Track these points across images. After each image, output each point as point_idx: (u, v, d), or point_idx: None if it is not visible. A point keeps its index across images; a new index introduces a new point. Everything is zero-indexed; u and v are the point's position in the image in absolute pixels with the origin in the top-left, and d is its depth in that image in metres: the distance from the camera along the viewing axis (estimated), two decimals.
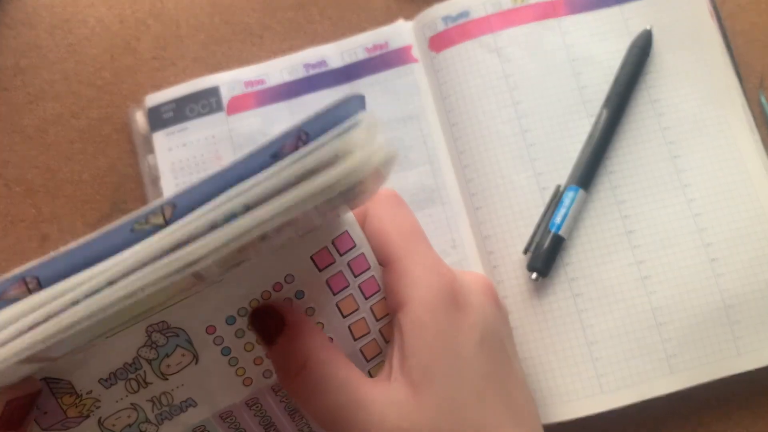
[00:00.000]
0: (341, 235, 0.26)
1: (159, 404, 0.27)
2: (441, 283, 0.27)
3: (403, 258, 0.27)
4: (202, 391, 0.27)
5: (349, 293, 0.27)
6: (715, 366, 0.38)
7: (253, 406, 0.28)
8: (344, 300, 0.27)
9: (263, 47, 0.45)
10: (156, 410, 0.27)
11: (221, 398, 0.27)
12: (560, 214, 0.39)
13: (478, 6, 0.42)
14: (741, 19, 0.44)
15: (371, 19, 0.45)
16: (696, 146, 0.41)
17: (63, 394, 0.25)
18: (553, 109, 0.41)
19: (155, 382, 0.26)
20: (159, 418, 0.27)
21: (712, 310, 0.39)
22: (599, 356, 0.38)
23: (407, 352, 0.26)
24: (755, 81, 0.44)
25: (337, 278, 0.27)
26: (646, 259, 0.39)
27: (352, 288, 0.27)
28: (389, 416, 0.25)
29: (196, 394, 0.27)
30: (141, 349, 0.25)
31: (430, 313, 0.26)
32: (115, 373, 0.25)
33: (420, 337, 0.26)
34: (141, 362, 0.25)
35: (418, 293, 0.26)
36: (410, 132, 0.42)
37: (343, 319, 0.27)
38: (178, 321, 0.25)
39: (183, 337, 0.26)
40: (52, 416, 0.25)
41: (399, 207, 0.28)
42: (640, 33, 0.42)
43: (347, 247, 0.27)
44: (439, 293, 0.26)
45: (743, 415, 0.40)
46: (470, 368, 0.26)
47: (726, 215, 0.40)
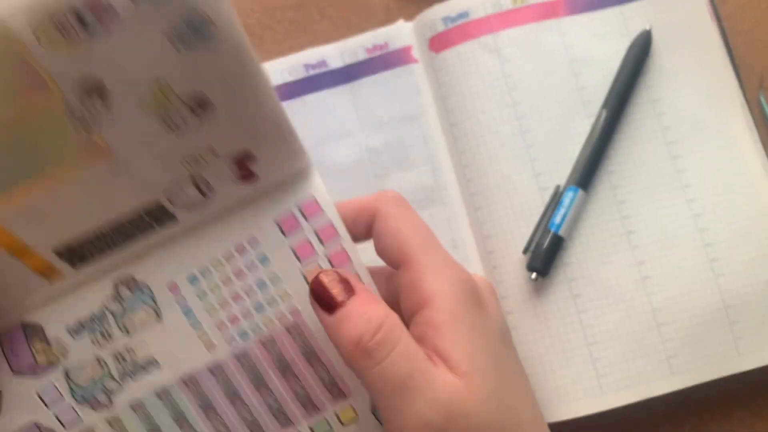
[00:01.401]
0: (308, 200, 0.27)
1: (122, 360, 0.27)
2: (463, 281, 0.27)
3: (423, 256, 0.27)
4: (165, 352, 0.27)
5: (317, 262, 0.27)
6: (715, 366, 0.38)
7: (217, 375, 0.28)
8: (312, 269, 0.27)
9: (263, 47, 0.45)
10: (119, 367, 0.27)
11: (184, 361, 0.28)
12: (560, 214, 0.39)
13: (477, 6, 0.43)
14: (741, 19, 0.45)
15: (371, 19, 0.45)
16: (696, 146, 0.41)
17: (35, 339, 0.27)
18: (552, 109, 0.41)
19: (119, 337, 0.27)
20: (122, 376, 0.27)
21: (713, 310, 0.39)
22: (599, 356, 0.38)
23: (448, 346, 0.26)
24: (755, 81, 0.44)
25: (303, 246, 0.27)
26: (645, 259, 0.39)
27: (319, 257, 0.27)
28: (448, 398, 0.25)
29: (159, 354, 0.27)
30: (107, 301, 0.27)
31: (461, 308, 0.26)
32: (82, 323, 0.27)
33: (458, 331, 0.26)
34: (107, 314, 0.27)
35: (445, 289, 0.26)
36: (410, 132, 0.42)
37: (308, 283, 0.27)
38: (144, 276, 0.27)
39: (147, 294, 0.27)
40: (23, 360, 0.27)
41: (410, 209, 0.29)
42: (639, 33, 0.42)
43: (314, 212, 0.27)
44: (464, 290, 0.27)
45: (743, 416, 0.40)
46: (502, 362, 0.27)
47: (726, 215, 0.40)
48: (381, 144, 0.42)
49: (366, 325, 0.25)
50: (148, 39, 0.21)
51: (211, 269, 0.27)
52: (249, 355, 0.28)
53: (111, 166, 0.23)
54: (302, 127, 0.42)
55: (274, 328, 0.28)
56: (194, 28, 0.21)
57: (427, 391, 0.25)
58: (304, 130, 0.42)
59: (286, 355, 0.28)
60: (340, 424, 0.29)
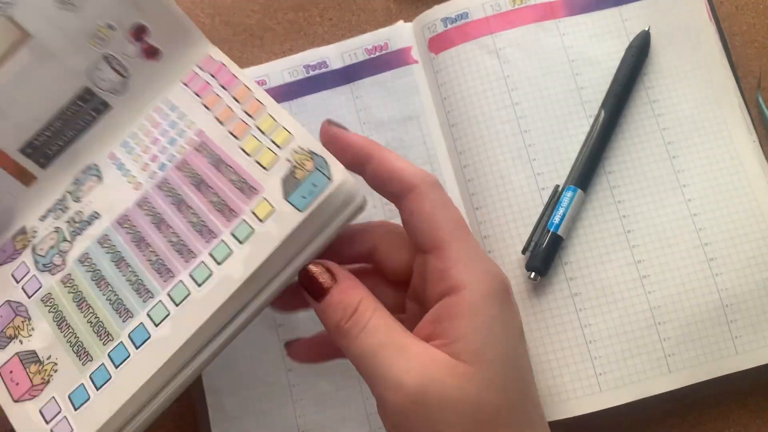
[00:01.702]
0: (203, 57, 0.33)
1: (73, 223, 0.32)
2: (494, 275, 0.28)
3: (455, 244, 0.27)
4: (104, 204, 0.32)
5: (214, 92, 0.32)
6: (713, 365, 0.38)
7: (143, 206, 0.32)
8: (208, 98, 0.32)
9: (264, 48, 0.45)
10: (71, 228, 0.32)
11: (117, 205, 0.32)
12: (559, 214, 0.39)
13: (477, 7, 0.43)
14: (738, 20, 0.45)
15: (371, 20, 0.45)
16: (694, 146, 0.41)
17: (18, 236, 0.33)
18: (551, 109, 0.42)
19: (72, 206, 0.32)
20: (73, 235, 0.32)
21: (710, 309, 0.39)
22: (598, 355, 0.38)
23: (458, 333, 0.26)
24: (753, 82, 0.44)
25: (202, 87, 0.33)
26: (644, 258, 0.40)
27: (215, 88, 0.32)
28: (423, 364, 0.26)
29: (100, 207, 0.32)
30: (68, 186, 0.33)
31: (485, 301, 0.27)
32: (49, 208, 0.33)
33: (473, 323, 0.26)
34: (65, 196, 0.33)
35: (473, 280, 0.27)
36: (410, 132, 0.42)
37: (208, 111, 0.32)
38: (93, 158, 0.33)
39: (94, 169, 0.33)
40: (7, 252, 0.33)
41: (446, 195, 0.29)
42: (638, 34, 0.42)
43: (207, 62, 0.33)
44: (493, 284, 0.27)
45: (741, 414, 0.40)
46: (518, 358, 0.28)
47: (724, 215, 0.40)
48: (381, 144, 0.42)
49: (342, 312, 0.27)
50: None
51: (136, 131, 0.33)
52: (168, 181, 0.32)
53: (34, 49, 0.29)
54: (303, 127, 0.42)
55: (186, 151, 0.32)
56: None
57: (400, 358, 0.26)
58: None
59: (198, 169, 0.31)
60: (259, 222, 0.29)
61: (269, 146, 0.30)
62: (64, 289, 0.31)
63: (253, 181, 0.30)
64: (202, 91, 0.33)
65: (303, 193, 0.28)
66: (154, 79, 0.33)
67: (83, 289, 0.31)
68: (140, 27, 0.31)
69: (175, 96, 0.33)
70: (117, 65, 0.31)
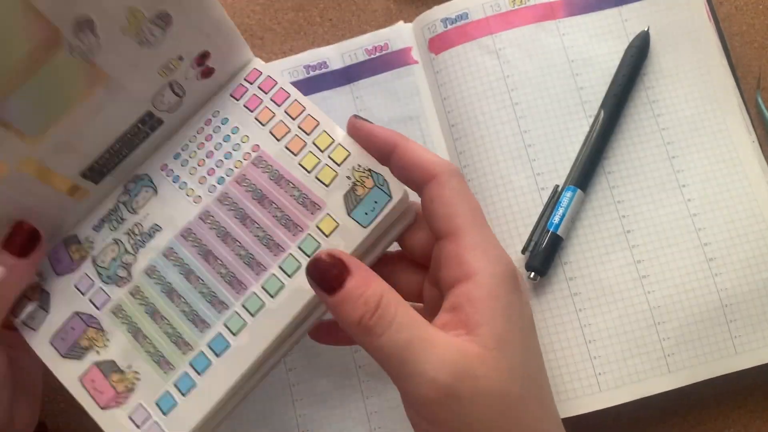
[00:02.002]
0: (251, 71, 0.34)
1: (133, 235, 0.33)
2: (506, 263, 0.28)
3: (471, 231, 0.28)
4: (164, 216, 0.33)
5: (265, 106, 0.33)
6: (712, 365, 0.38)
7: (206, 220, 0.32)
8: (261, 113, 0.33)
9: (264, 48, 0.45)
10: (132, 240, 0.33)
11: (179, 218, 0.32)
12: (558, 214, 0.39)
13: (477, 8, 0.43)
14: (738, 20, 0.45)
15: (371, 20, 0.45)
16: (693, 147, 0.41)
17: (71, 245, 0.33)
18: (551, 109, 0.42)
19: (129, 218, 0.33)
20: (135, 248, 0.33)
21: (710, 309, 0.39)
22: (597, 355, 0.38)
23: (479, 319, 0.26)
24: (752, 82, 0.44)
25: (252, 100, 0.33)
26: (643, 258, 0.40)
27: (266, 102, 0.33)
28: (454, 358, 0.26)
29: (160, 219, 0.33)
30: (119, 196, 0.33)
31: (500, 287, 0.27)
32: (103, 218, 0.33)
33: (492, 308, 0.27)
34: (119, 206, 0.33)
35: (488, 266, 0.27)
36: (410, 132, 0.42)
37: (263, 126, 0.33)
38: (143, 169, 0.34)
39: (146, 179, 0.34)
40: (63, 262, 0.33)
41: (466, 185, 0.29)
42: (637, 34, 0.42)
43: (256, 76, 0.34)
44: (506, 271, 0.28)
45: (740, 414, 0.40)
46: (533, 344, 0.28)
47: (723, 215, 0.40)
48: None
49: (364, 307, 0.26)
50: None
51: (188, 143, 0.33)
52: (228, 194, 0.32)
53: (110, 87, 0.29)
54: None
55: (243, 165, 0.33)
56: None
57: (430, 354, 0.26)
58: None
59: (258, 184, 0.32)
60: (324, 237, 0.31)
61: (328, 163, 0.31)
62: (135, 301, 0.32)
63: (314, 197, 0.31)
64: (253, 105, 0.33)
65: (365, 210, 0.30)
66: (206, 95, 0.34)
67: (154, 301, 0.32)
68: (204, 53, 0.32)
69: (226, 109, 0.34)
70: (177, 88, 0.32)
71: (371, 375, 0.40)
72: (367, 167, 0.31)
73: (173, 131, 0.34)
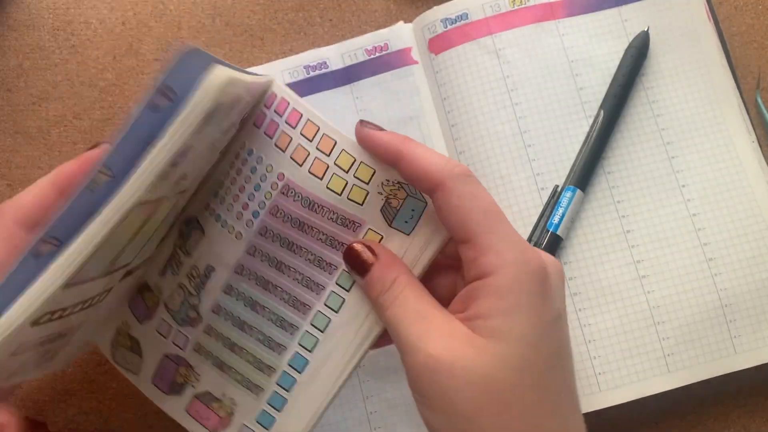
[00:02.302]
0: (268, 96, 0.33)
1: (192, 277, 0.34)
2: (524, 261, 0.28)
3: (485, 234, 0.28)
4: (214, 255, 0.34)
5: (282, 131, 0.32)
6: (712, 364, 0.38)
7: (255, 254, 0.33)
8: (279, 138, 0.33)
9: (264, 49, 0.45)
10: (192, 283, 0.34)
11: (227, 256, 0.33)
12: (558, 214, 0.39)
13: (477, 8, 0.43)
14: (737, 21, 0.45)
15: (371, 21, 0.45)
16: (693, 147, 0.41)
17: (145, 293, 0.35)
18: (551, 109, 0.42)
19: (185, 261, 0.34)
20: (197, 290, 0.34)
21: (709, 309, 0.39)
22: (597, 355, 0.39)
23: (482, 311, 0.27)
24: (752, 82, 0.44)
25: (270, 125, 0.33)
26: (643, 258, 0.40)
27: (282, 126, 0.33)
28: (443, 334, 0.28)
29: (211, 259, 0.34)
30: (176, 240, 0.34)
31: (513, 284, 0.28)
32: (165, 264, 0.34)
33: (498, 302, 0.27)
34: (176, 251, 0.34)
35: (503, 268, 0.28)
36: (410, 133, 0.42)
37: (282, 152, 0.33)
38: (191, 211, 0.34)
39: (194, 222, 0.34)
40: (141, 310, 0.35)
41: (476, 185, 0.29)
42: (637, 34, 0.42)
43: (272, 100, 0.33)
44: (523, 270, 0.28)
45: (740, 413, 0.41)
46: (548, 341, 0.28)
47: (723, 215, 0.40)
48: None
49: (381, 287, 0.30)
50: (201, 133, 0.27)
51: (223, 180, 0.34)
52: (267, 227, 0.33)
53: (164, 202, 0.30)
54: None
55: (273, 196, 0.33)
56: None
57: (420, 325, 0.28)
58: None
59: (292, 213, 0.32)
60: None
61: (356, 183, 0.31)
62: (210, 338, 0.34)
63: (352, 215, 0.32)
64: (272, 131, 0.33)
65: (404, 218, 0.31)
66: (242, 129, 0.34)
67: (229, 335, 0.33)
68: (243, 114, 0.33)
69: (251, 140, 0.33)
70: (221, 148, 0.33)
71: (371, 374, 0.40)
72: (396, 180, 0.31)
73: (213, 169, 0.34)
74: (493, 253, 0.28)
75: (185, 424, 0.34)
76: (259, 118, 0.33)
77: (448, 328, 0.28)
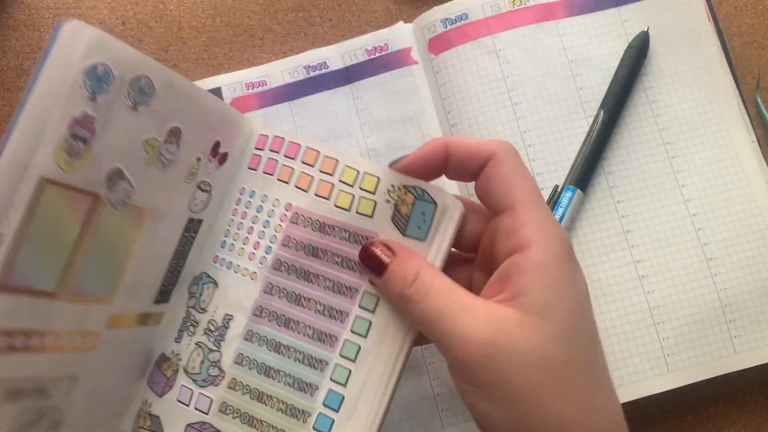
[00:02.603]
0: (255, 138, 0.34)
1: (210, 332, 0.33)
2: (561, 238, 0.29)
3: (527, 206, 0.29)
4: (230, 303, 0.33)
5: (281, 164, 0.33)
6: (712, 364, 0.38)
7: (272, 291, 0.32)
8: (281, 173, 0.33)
9: (264, 49, 0.45)
10: (211, 338, 0.33)
11: (245, 300, 0.33)
12: (558, 214, 0.39)
13: (476, 8, 0.43)
14: (737, 20, 0.45)
15: (371, 21, 0.45)
16: (693, 147, 0.41)
17: (162, 364, 0.33)
18: (551, 109, 0.42)
19: (201, 318, 0.33)
20: (217, 344, 0.33)
21: (709, 309, 0.39)
22: None
23: (524, 288, 0.27)
24: (752, 82, 0.44)
25: (268, 164, 0.34)
26: (643, 258, 0.40)
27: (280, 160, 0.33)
28: (490, 319, 0.27)
29: (228, 308, 0.33)
30: (187, 302, 0.34)
31: (552, 258, 0.28)
32: (180, 329, 0.34)
33: (540, 278, 0.27)
34: (189, 311, 0.34)
35: (542, 240, 0.28)
36: (410, 133, 0.42)
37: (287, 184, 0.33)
38: (199, 268, 0.34)
39: (204, 277, 0.34)
40: (161, 382, 0.33)
41: (522, 161, 0.30)
42: (637, 34, 0.42)
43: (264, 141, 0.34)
44: (561, 246, 0.28)
45: (740, 413, 0.41)
46: (586, 316, 0.29)
47: (723, 215, 0.40)
48: (381, 145, 0.42)
49: (403, 281, 0.29)
50: (121, 120, 0.27)
51: (228, 228, 0.34)
52: (280, 260, 0.32)
53: (153, 217, 0.30)
54: (303, 128, 0.43)
55: (283, 228, 0.32)
56: (139, 90, 0.28)
57: (466, 317, 0.27)
58: (305, 132, 0.43)
59: (304, 239, 0.32)
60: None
61: (363, 195, 0.31)
62: (235, 392, 0.32)
63: (364, 231, 0.31)
64: (271, 168, 0.33)
65: (417, 224, 0.31)
66: (229, 177, 0.34)
67: (255, 385, 0.32)
68: (216, 143, 0.33)
69: (249, 183, 0.34)
70: (204, 186, 0.33)
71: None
72: (401, 184, 0.31)
73: (212, 223, 0.34)
74: (534, 224, 0.28)
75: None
76: (254, 160, 0.34)
77: (494, 313, 0.27)
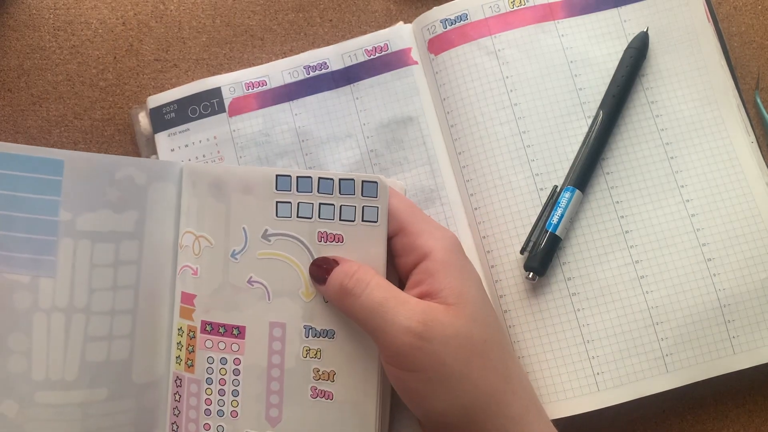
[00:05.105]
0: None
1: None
2: (450, 237, 0.35)
3: (414, 223, 0.34)
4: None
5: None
6: (710, 365, 0.39)
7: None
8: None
9: (264, 49, 0.45)
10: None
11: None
12: (557, 214, 0.39)
13: (476, 9, 0.43)
14: (737, 21, 0.45)
15: (371, 21, 0.46)
16: (692, 147, 0.41)
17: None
18: (550, 110, 0.42)
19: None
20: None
21: (708, 309, 0.39)
22: (595, 355, 0.39)
23: (440, 285, 0.32)
24: (751, 82, 0.44)
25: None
26: (642, 259, 0.40)
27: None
28: (423, 309, 0.32)
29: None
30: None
31: (451, 255, 0.34)
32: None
33: (449, 273, 0.33)
34: None
35: (437, 245, 0.33)
36: (410, 133, 0.43)
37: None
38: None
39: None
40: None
41: (397, 192, 0.36)
42: (636, 35, 0.42)
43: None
44: (453, 243, 0.34)
45: (739, 413, 0.41)
46: (486, 298, 0.34)
47: (722, 215, 0.40)
48: (381, 145, 0.42)
49: (344, 275, 0.33)
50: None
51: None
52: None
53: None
54: (303, 128, 0.43)
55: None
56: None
57: (402, 308, 0.31)
58: (305, 132, 0.43)
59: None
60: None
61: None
62: None
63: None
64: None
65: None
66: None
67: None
68: None
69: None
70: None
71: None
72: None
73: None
74: (426, 235, 0.34)
75: None
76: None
77: (426, 305, 0.32)
